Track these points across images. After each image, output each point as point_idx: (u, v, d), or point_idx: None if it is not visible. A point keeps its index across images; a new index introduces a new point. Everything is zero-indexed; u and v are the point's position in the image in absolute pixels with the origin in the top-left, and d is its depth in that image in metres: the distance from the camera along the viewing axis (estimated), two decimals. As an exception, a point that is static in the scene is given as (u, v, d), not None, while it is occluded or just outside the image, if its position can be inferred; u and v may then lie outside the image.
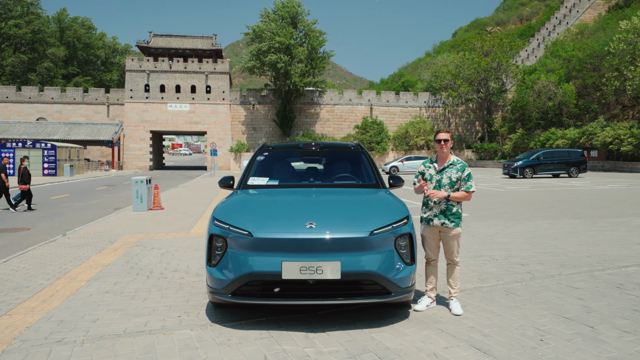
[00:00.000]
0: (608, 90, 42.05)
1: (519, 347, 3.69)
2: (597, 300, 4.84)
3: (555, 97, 45.66)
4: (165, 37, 57.75)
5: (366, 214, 4.35)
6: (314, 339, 3.90)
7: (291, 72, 48.34)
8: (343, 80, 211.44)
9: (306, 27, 50.39)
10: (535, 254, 7.15)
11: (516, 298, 4.96)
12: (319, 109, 54.21)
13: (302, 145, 5.99)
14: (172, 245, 8.15)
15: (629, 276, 5.81)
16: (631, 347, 3.66)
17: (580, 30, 57.55)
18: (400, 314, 4.50)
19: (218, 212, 4.48)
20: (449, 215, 4.56)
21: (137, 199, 13.28)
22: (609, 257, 6.88)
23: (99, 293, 5.26)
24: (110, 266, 6.55)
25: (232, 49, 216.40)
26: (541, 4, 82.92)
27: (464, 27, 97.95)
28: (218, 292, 4.14)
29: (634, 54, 37.35)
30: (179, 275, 6.04)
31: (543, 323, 4.21)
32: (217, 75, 52.05)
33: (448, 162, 4.67)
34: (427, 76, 60.91)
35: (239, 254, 4.06)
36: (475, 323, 4.23)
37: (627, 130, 35.97)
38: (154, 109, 50.77)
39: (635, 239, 8.22)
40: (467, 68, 50.51)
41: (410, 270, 4.22)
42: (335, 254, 3.97)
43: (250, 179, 5.49)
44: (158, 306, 4.78)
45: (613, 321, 4.24)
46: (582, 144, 39.68)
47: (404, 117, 55.55)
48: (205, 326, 4.21)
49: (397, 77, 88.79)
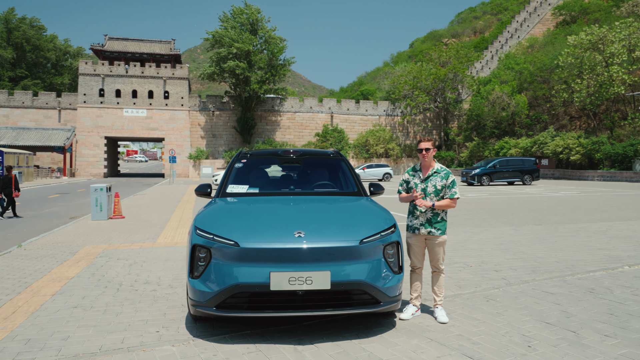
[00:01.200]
0: (557, 101, 44.01)
1: (509, 354, 3.70)
2: (574, 305, 4.96)
3: (509, 108, 47.41)
4: (121, 41, 56.13)
5: (354, 222, 4.29)
6: (303, 352, 3.78)
7: (251, 79, 47.97)
8: (302, 88, 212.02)
9: (266, 33, 50.17)
10: (507, 260, 7.29)
11: (497, 304, 5.02)
12: (280, 117, 54.04)
13: (280, 152, 5.87)
14: (139, 255, 7.81)
15: (597, 280, 6.00)
16: (615, 351, 3.75)
17: (531, 44, 60.16)
18: (387, 324, 4.44)
19: (200, 221, 4.30)
20: (435, 223, 4.56)
21: (96, 208, 12.72)
22: (575, 262, 7.10)
23: (67, 308, 4.94)
24: (75, 279, 6.19)
25: (189, 54, 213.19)
26: (494, 18, 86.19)
27: (421, 38, 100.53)
28: (201, 305, 3.96)
29: (581, 67, 39.30)
30: (151, 288, 5.77)
31: (527, 329, 4.26)
32: (175, 80, 50.99)
33: (432, 170, 4.68)
34: (386, 85, 61.94)
35: (224, 265, 3.90)
36: (462, 331, 4.23)
37: (575, 140, 37.72)
38: (109, 115, 49.10)
39: (597, 244, 8.54)
40: (424, 78, 51.74)
41: (398, 279, 4.18)
42: (325, 263, 3.88)
43: (230, 187, 5.32)
44: (133, 321, 4.53)
45: (593, 325, 4.34)
46: (533, 153, 41.29)
47: (364, 125, 56.18)
48: (187, 341, 4.01)
49: (357, 86, 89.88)
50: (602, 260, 7.22)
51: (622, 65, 37.14)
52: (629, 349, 3.78)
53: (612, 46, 36.80)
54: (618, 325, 4.33)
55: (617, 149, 34.94)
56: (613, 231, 10.10)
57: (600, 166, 36.63)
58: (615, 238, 9.20)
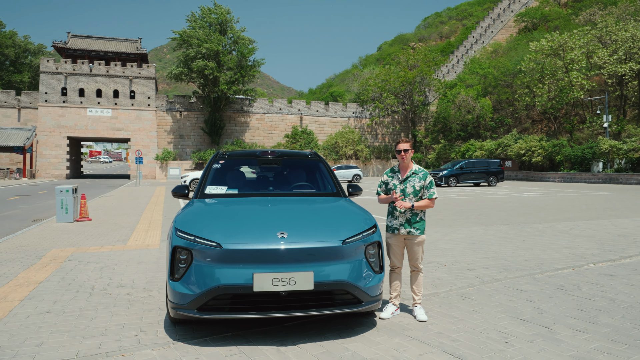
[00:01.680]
0: (520, 105, 45.43)
1: (488, 350, 3.80)
2: (546, 302, 5.13)
3: (474, 111, 48.57)
4: (85, 39, 54.60)
5: (336, 223, 4.31)
6: (286, 353, 3.78)
7: (220, 80, 47.48)
8: (270, 89, 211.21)
9: (235, 34, 49.80)
10: (479, 259, 7.47)
11: (473, 302, 5.14)
12: (249, 118, 53.69)
13: (259, 153, 5.84)
14: (110, 258, 7.62)
15: (566, 278, 6.22)
16: (587, 345, 3.89)
17: (495, 49, 61.87)
18: (367, 323, 4.49)
19: (180, 222, 4.23)
20: (414, 223, 4.64)
21: (61, 210, 12.32)
22: (544, 260, 7.34)
23: (38, 314, 4.77)
24: (44, 283, 5.99)
25: (155, 53, 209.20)
26: (459, 23, 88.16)
27: (389, 41, 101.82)
28: (182, 307, 3.90)
29: (542, 72, 40.66)
30: (125, 291, 5.63)
31: (504, 325, 4.38)
32: (142, 80, 49.95)
33: (410, 171, 4.76)
34: (355, 88, 62.45)
35: (206, 266, 3.85)
36: (441, 329, 4.32)
37: (537, 142, 38.96)
38: (72, 114, 47.65)
39: (562, 243, 8.85)
40: (393, 81, 52.44)
41: (379, 279, 4.23)
42: (308, 264, 3.88)
43: (208, 188, 5.26)
44: (110, 325, 4.42)
45: (565, 321, 4.50)
46: (498, 155, 42.41)
47: (334, 127, 56.45)
48: (167, 345, 3.94)
49: (326, 88, 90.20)
50: (569, 258, 7.49)
51: (581, 71, 38.63)
52: (600, 343, 3.94)
53: (572, 53, 38.21)
54: (588, 321, 4.50)
55: (577, 151, 36.28)
56: (576, 230, 10.49)
57: (561, 168, 37.94)
58: (578, 237, 9.55)
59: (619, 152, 33.14)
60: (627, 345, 3.90)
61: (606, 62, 36.88)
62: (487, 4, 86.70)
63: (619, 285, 5.78)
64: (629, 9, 45.91)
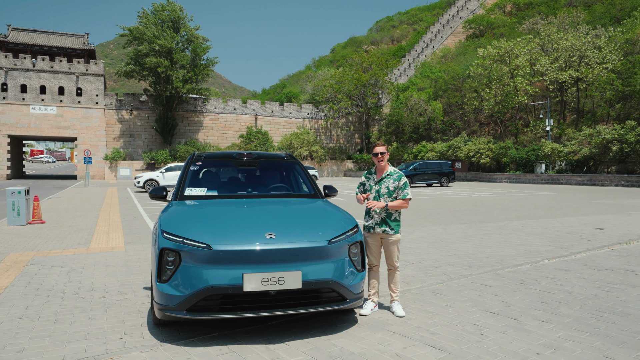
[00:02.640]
0: (469, 109, 47.21)
1: (465, 342, 4.05)
2: (510, 296, 5.48)
3: (426, 113, 50.01)
4: (27, 32, 51.94)
5: (320, 223, 4.45)
6: (275, 350, 3.88)
7: (172, 78, 46.45)
8: (222, 88, 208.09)
9: (189, 32, 48.89)
10: (443, 256, 7.82)
11: (444, 297, 5.41)
12: (203, 117, 52.83)
13: (235, 154, 5.88)
14: (75, 262, 7.40)
15: (525, 273, 6.64)
16: (554, 334, 4.23)
17: (445, 54, 63.93)
18: (349, 320, 4.65)
19: (165, 224, 4.24)
20: (390, 222, 4.85)
21: (13, 212, 11.77)
22: (503, 257, 7.78)
23: (11, 319, 4.63)
24: (9, 288, 5.77)
25: (101, 49, 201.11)
26: (410, 28, 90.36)
27: (342, 43, 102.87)
28: (170, 309, 3.92)
29: (490, 78, 42.46)
30: (98, 295, 5.53)
31: (476, 318, 4.66)
32: (89, 77, 48.05)
33: (386, 173, 4.97)
34: (309, 89, 62.77)
35: (195, 267, 3.89)
36: (419, 323, 4.54)
37: (485, 145, 40.62)
38: (12, 111, 45.17)
39: (517, 241, 9.38)
40: (347, 83, 53.14)
41: (362, 277, 4.41)
42: (296, 263, 4.00)
43: (187, 190, 5.26)
44: (91, 329, 4.35)
45: (530, 313, 4.84)
46: (448, 157, 43.86)
47: (289, 127, 56.50)
48: (155, 346, 3.95)
49: (279, 88, 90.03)
50: (525, 254, 7.97)
51: (525, 77, 40.61)
52: (564, 332, 4.28)
53: (517, 59, 40.12)
54: (551, 312, 4.86)
55: (522, 153, 38.12)
56: (528, 228, 11.12)
57: (507, 169, 39.73)
58: (531, 235, 10.15)
59: (560, 154, 35.11)
60: (588, 333, 4.26)
61: (548, 69, 38.97)
62: (437, 9, 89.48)
63: (574, 279, 6.25)
64: (567, 20, 48.70)
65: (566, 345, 3.97)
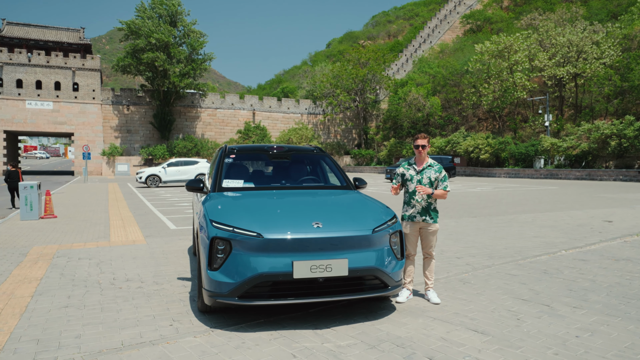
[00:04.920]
0: (467, 104, 47.38)
1: (505, 326, 4.20)
2: (537, 284, 5.64)
3: (424, 109, 50.17)
4: (22, 27, 51.54)
5: (361, 213, 4.59)
6: (324, 335, 4.01)
7: (170, 72, 46.30)
8: (217, 83, 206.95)
9: (186, 27, 48.74)
10: (462, 248, 7.97)
11: (473, 286, 5.57)
12: (201, 112, 52.75)
13: (267, 147, 6.00)
14: (101, 254, 7.50)
15: (546, 263, 6.81)
16: (587, 319, 4.39)
17: (442, 49, 64.12)
18: (387, 307, 4.79)
19: (213, 214, 4.36)
20: (430, 212, 4.99)
21: (26, 207, 11.83)
22: (520, 248, 7.94)
23: (57, 308, 4.73)
24: (45, 279, 5.87)
25: (94, 44, 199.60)
26: (406, 23, 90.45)
27: (338, 38, 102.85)
28: (222, 295, 4.04)
29: (488, 73, 42.64)
30: (135, 285, 5.64)
31: (510, 305, 4.82)
32: (86, 72, 47.80)
33: (427, 163, 5.10)
34: (306, 84, 62.75)
35: (246, 255, 4.02)
36: (456, 309, 4.69)
37: (484, 140, 40.85)
38: (8, 106, 44.89)
39: (531, 233, 9.56)
40: (345, 78, 53.19)
41: (401, 265, 4.55)
42: (342, 251, 4.13)
43: (225, 182, 5.37)
44: (139, 317, 4.47)
45: (560, 299, 5.00)
46: (447, 152, 44.08)
47: (287, 123, 56.52)
48: (207, 332, 4.07)
49: (275, 84, 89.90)
50: (541, 246, 8.14)
51: (524, 73, 40.84)
52: (597, 317, 4.44)
53: (516, 55, 40.32)
54: (580, 299, 5.03)
55: (520, 148, 38.39)
56: (539, 222, 11.30)
57: (506, 164, 40.01)
58: (543, 227, 10.33)
59: (559, 149, 35.40)
60: (620, 317, 4.43)
61: (546, 65, 39.22)
62: (433, 4, 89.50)
63: (594, 269, 6.42)
64: (565, 15, 48.96)
65: (602, 328, 4.13)
